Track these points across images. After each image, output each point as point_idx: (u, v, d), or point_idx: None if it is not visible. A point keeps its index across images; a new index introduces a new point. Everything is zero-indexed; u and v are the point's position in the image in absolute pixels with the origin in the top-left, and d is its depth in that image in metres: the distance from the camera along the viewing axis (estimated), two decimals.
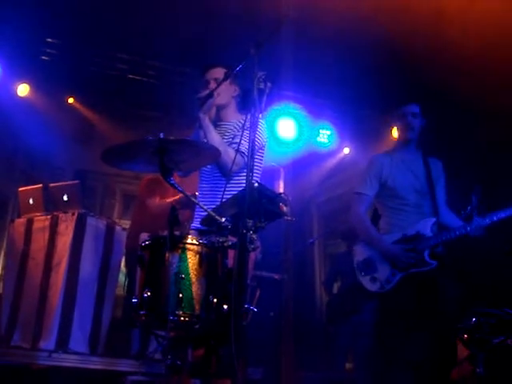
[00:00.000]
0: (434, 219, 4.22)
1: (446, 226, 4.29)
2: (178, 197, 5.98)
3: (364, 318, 6.51)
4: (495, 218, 4.12)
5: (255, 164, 3.83)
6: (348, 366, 7.16)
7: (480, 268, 6.10)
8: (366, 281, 4.20)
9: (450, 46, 5.90)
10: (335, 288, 7.63)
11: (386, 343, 4.13)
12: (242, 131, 3.59)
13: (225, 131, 3.94)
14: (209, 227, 3.21)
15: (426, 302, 4.07)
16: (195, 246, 3.04)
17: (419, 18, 5.88)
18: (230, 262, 3.10)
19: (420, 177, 4.35)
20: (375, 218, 4.44)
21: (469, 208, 4.62)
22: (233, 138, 3.84)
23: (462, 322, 5.09)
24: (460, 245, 4.22)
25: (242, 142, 3.49)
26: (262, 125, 3.86)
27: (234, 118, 3.99)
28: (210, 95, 3.70)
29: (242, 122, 3.88)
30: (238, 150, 3.52)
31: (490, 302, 5.36)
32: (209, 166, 3.91)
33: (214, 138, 3.72)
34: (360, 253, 4.29)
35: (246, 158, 3.59)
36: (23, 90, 7.92)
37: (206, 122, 3.74)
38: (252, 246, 2.75)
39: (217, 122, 4.00)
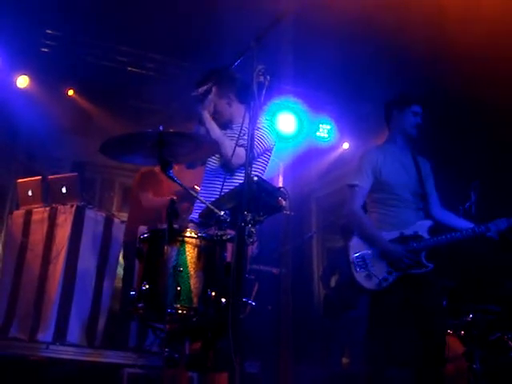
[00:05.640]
0: (431, 222, 4.21)
1: (448, 225, 4.27)
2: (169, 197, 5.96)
3: (361, 312, 6.51)
4: None
5: (260, 165, 3.85)
6: (344, 360, 7.17)
7: (470, 264, 6.10)
8: (361, 277, 4.14)
9: (452, 41, 5.87)
10: (333, 282, 7.63)
11: (379, 340, 4.12)
12: (242, 124, 3.60)
13: (236, 131, 3.93)
14: (207, 220, 3.21)
15: (419, 300, 4.07)
16: (194, 239, 3.04)
17: (421, 13, 5.85)
18: (229, 255, 3.10)
19: (412, 174, 4.32)
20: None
21: (467, 204, 4.62)
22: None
23: (458, 318, 5.11)
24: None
25: (244, 136, 3.51)
26: (269, 126, 3.86)
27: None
28: (208, 91, 3.70)
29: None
30: (237, 143, 3.54)
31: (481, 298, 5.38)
32: (214, 163, 3.91)
33: (216, 132, 3.74)
34: (355, 248, 4.23)
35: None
36: (22, 81, 7.90)
37: (206, 117, 3.76)
38: (250, 240, 2.75)
39: (228, 124, 4.01)
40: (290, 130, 8.48)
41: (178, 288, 2.91)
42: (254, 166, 3.56)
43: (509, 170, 6.44)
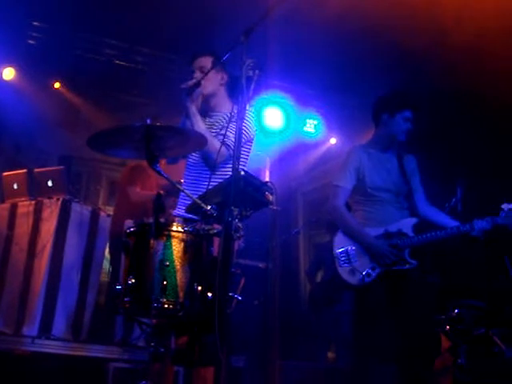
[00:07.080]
0: (415, 219, 4.21)
1: (433, 222, 4.28)
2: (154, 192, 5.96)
3: (345, 307, 6.54)
4: (499, 221, 4.11)
5: (242, 156, 3.82)
6: (330, 355, 7.19)
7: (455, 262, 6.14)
8: (345, 272, 4.15)
9: (443, 34, 5.85)
10: (318, 277, 7.65)
11: (364, 335, 4.13)
12: (228, 123, 3.59)
13: (215, 121, 3.93)
14: (194, 215, 3.20)
15: (403, 296, 4.08)
16: (180, 234, 3.04)
17: (412, 6, 5.82)
18: (215, 249, 3.10)
19: (395, 176, 4.31)
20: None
21: (453, 200, 4.63)
22: (221, 129, 3.82)
23: (443, 313, 5.14)
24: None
25: (228, 134, 3.51)
26: (251, 117, 3.85)
27: (224, 108, 3.95)
28: (197, 84, 3.70)
29: (234, 113, 3.88)
30: (223, 142, 3.53)
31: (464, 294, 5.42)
32: (196, 157, 3.89)
33: (201, 127, 3.72)
34: (339, 244, 4.24)
35: (230, 151, 3.60)
36: (8, 73, 7.83)
37: (193, 111, 3.74)
38: (237, 235, 2.75)
39: (208, 112, 3.99)
40: (277, 124, 8.48)
41: (164, 282, 2.90)
42: None
43: (501, 166, 6.46)
